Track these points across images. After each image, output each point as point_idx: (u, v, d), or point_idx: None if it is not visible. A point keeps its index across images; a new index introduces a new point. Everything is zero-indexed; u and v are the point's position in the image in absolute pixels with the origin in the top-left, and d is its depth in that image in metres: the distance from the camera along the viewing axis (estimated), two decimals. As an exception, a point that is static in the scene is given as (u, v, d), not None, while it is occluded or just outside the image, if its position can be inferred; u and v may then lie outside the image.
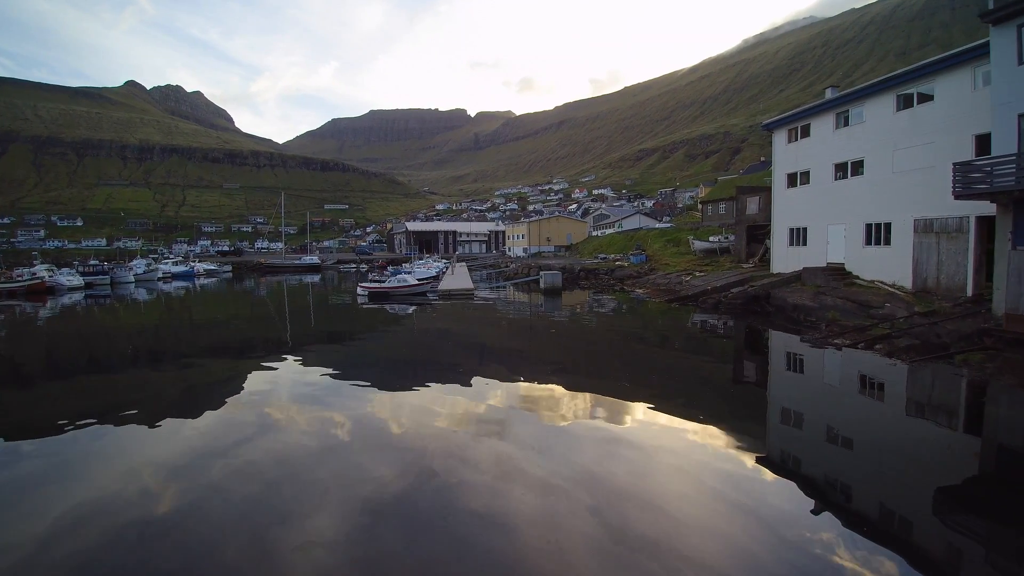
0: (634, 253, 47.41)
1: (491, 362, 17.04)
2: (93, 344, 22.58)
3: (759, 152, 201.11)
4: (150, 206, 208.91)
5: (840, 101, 24.33)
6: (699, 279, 31.14)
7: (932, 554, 6.11)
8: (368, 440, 9.75)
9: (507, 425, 10.39)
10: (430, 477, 7.88)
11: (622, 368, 15.78)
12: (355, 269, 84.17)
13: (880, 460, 8.81)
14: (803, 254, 26.31)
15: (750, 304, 24.48)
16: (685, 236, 49.99)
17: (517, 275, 52.17)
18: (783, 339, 19.00)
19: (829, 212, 24.81)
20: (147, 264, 67.94)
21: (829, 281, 23.03)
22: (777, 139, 28.21)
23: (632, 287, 36.53)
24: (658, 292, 31.98)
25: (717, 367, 16.19)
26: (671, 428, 10.25)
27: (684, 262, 39.87)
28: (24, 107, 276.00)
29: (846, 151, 23.92)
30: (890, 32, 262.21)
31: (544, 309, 31.02)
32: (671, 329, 22.62)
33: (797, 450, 9.54)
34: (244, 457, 8.88)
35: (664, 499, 7.22)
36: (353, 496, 7.31)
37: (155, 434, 10.36)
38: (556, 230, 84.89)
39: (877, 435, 9.98)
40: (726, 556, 5.81)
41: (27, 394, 14.34)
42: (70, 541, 6.33)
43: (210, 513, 6.92)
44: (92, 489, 7.90)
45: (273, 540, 6.19)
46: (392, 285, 36.50)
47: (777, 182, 28.29)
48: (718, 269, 33.40)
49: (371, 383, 14.11)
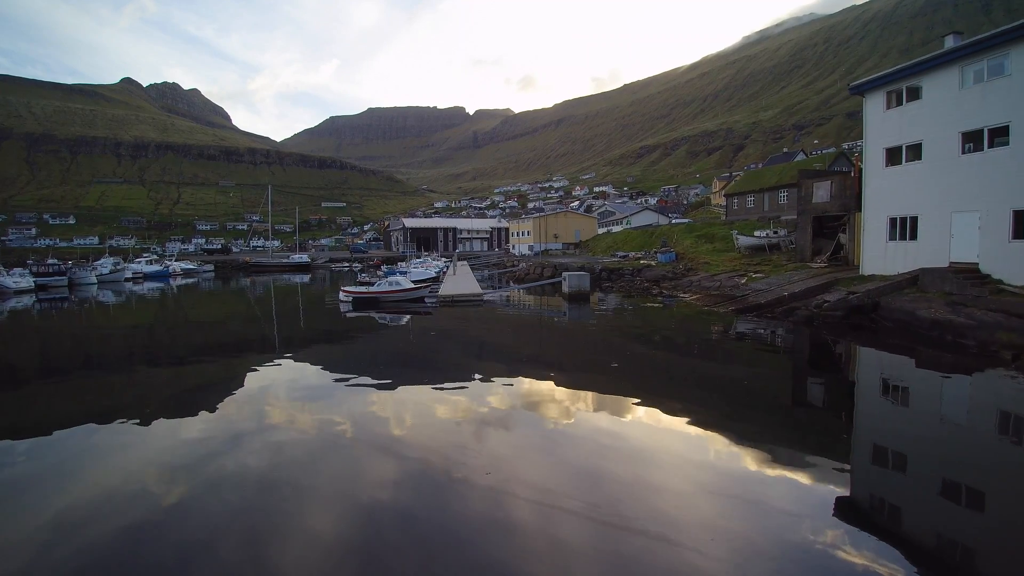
0: (661, 251, 41.58)
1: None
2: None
3: (762, 148, 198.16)
4: (144, 204, 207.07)
5: (969, 50, 18.52)
6: (761, 282, 25.31)
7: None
8: (366, 440, 9.43)
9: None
10: (429, 477, 7.68)
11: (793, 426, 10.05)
12: (348, 268, 78.49)
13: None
14: (911, 251, 20.50)
15: (852, 317, 18.68)
16: (718, 231, 44.23)
17: (529, 276, 46.11)
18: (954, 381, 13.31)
19: (953, 196, 19.01)
20: (114, 263, 61.44)
21: (964, 287, 17.26)
22: (871, 105, 22.27)
23: (671, 291, 30.67)
24: (710, 298, 26.14)
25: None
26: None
27: (727, 260, 34.08)
28: (18, 104, 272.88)
29: (980, 115, 18.12)
30: (892, 29, 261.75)
31: (575, 316, 25.48)
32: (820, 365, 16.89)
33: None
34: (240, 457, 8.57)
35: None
36: (351, 496, 7.22)
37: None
38: (564, 226, 78.42)
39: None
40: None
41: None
42: (65, 542, 6.21)
43: (206, 513, 6.76)
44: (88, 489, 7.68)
45: (270, 540, 6.10)
46: (382, 289, 30.30)
47: (870, 159, 22.38)
48: (778, 269, 27.61)
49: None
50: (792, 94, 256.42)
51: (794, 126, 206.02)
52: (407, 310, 27.67)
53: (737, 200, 53.42)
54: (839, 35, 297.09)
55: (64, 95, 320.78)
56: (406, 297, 30.28)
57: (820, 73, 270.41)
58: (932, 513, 6.81)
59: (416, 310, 27.68)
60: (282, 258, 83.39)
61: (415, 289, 31.28)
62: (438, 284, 37.25)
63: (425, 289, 31.99)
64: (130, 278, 58.11)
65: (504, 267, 62.19)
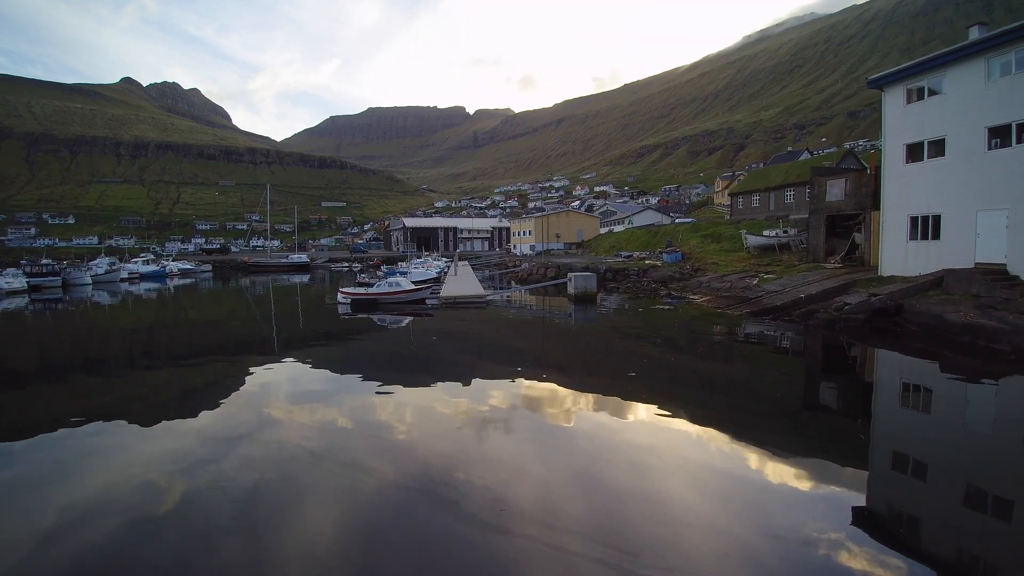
0: (667, 251, 40.74)
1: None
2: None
3: (763, 148, 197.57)
4: (144, 204, 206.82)
5: (996, 41, 17.72)
6: (774, 283, 24.48)
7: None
8: (366, 440, 9.30)
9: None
10: (429, 478, 7.58)
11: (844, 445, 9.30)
12: (347, 268, 77.51)
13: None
14: (934, 251, 19.69)
15: (874, 320, 17.88)
16: (725, 230, 43.48)
17: (533, 277, 45.24)
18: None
19: (979, 194, 18.20)
20: (110, 263, 60.36)
21: (993, 289, 16.46)
22: (890, 99, 21.46)
23: (679, 292, 29.90)
24: (721, 300, 25.31)
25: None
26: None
27: (736, 261, 33.29)
28: (18, 104, 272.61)
29: (1008, 109, 17.31)
30: (893, 28, 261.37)
31: (582, 319, 24.75)
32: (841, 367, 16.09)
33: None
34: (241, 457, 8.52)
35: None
36: (351, 496, 7.17)
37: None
38: (566, 226, 77.44)
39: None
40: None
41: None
42: (65, 542, 6.18)
43: (207, 513, 6.70)
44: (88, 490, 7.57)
45: (270, 540, 6.04)
46: (381, 291, 29.19)
47: (890, 156, 21.56)
48: (790, 270, 26.79)
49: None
50: (793, 94, 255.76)
51: (795, 126, 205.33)
52: (408, 311, 26.80)
53: (742, 199, 52.78)
54: (840, 34, 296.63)
55: (64, 95, 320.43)
56: (406, 299, 29.21)
57: (821, 73, 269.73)
58: (958, 528, 6.38)
59: (417, 311, 26.81)
60: (281, 258, 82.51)
61: (416, 290, 30.14)
62: (439, 285, 36.25)
63: (426, 290, 30.83)
64: (126, 278, 56.95)
65: (506, 267, 61.27)
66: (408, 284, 30.51)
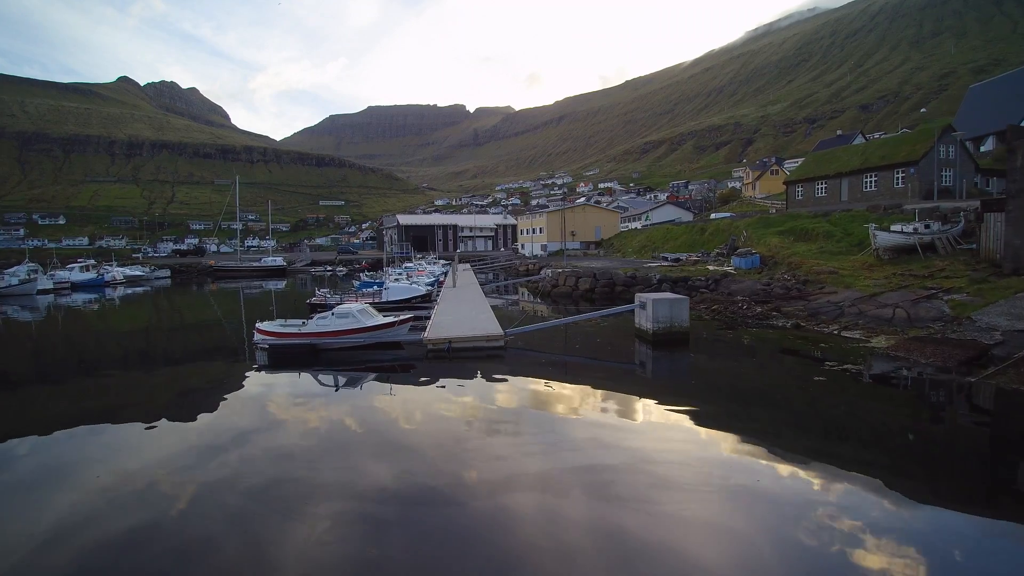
0: (737, 253, 33.07)
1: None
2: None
3: (773, 142, 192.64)
4: (138, 203, 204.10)
5: None
6: (990, 313, 15.99)
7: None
8: (366, 441, 9.17)
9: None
10: (431, 479, 7.47)
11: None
12: (330, 272, 69.37)
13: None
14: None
15: None
16: (809, 224, 34.50)
17: (559, 288, 34.90)
18: None
19: None
20: (28, 271, 52.44)
21: None
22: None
23: (807, 322, 20.36)
24: (913, 344, 15.21)
25: None
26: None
27: (862, 268, 25.85)
28: (11, 103, 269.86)
29: None
30: (901, 21, 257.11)
31: (683, 389, 14.03)
32: None
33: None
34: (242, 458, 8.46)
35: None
36: (351, 496, 7.05)
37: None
38: (582, 222, 69.11)
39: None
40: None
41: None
42: (65, 542, 6.08)
43: (206, 514, 6.62)
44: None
45: (270, 540, 5.95)
46: (321, 330, 18.42)
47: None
48: (983, 287, 18.91)
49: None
50: (800, 88, 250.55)
51: (805, 119, 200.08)
52: (363, 364, 17.22)
53: (801, 188, 45.77)
54: (846, 28, 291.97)
55: (59, 94, 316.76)
56: (365, 341, 18.62)
57: (828, 66, 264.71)
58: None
59: (380, 363, 17.31)
60: (253, 261, 74.75)
61: (384, 326, 19.06)
62: (430, 306, 26.42)
63: (403, 326, 19.64)
64: (50, 289, 48.72)
65: (517, 272, 53.76)
66: (370, 317, 19.28)
